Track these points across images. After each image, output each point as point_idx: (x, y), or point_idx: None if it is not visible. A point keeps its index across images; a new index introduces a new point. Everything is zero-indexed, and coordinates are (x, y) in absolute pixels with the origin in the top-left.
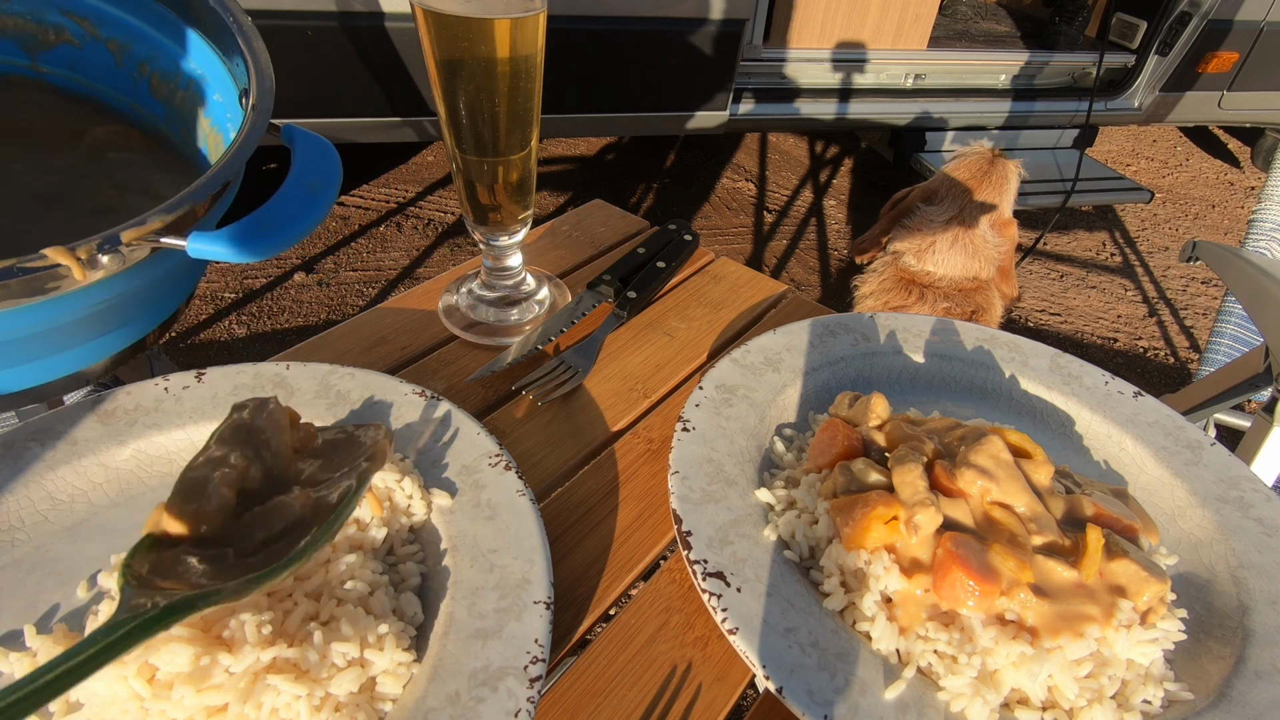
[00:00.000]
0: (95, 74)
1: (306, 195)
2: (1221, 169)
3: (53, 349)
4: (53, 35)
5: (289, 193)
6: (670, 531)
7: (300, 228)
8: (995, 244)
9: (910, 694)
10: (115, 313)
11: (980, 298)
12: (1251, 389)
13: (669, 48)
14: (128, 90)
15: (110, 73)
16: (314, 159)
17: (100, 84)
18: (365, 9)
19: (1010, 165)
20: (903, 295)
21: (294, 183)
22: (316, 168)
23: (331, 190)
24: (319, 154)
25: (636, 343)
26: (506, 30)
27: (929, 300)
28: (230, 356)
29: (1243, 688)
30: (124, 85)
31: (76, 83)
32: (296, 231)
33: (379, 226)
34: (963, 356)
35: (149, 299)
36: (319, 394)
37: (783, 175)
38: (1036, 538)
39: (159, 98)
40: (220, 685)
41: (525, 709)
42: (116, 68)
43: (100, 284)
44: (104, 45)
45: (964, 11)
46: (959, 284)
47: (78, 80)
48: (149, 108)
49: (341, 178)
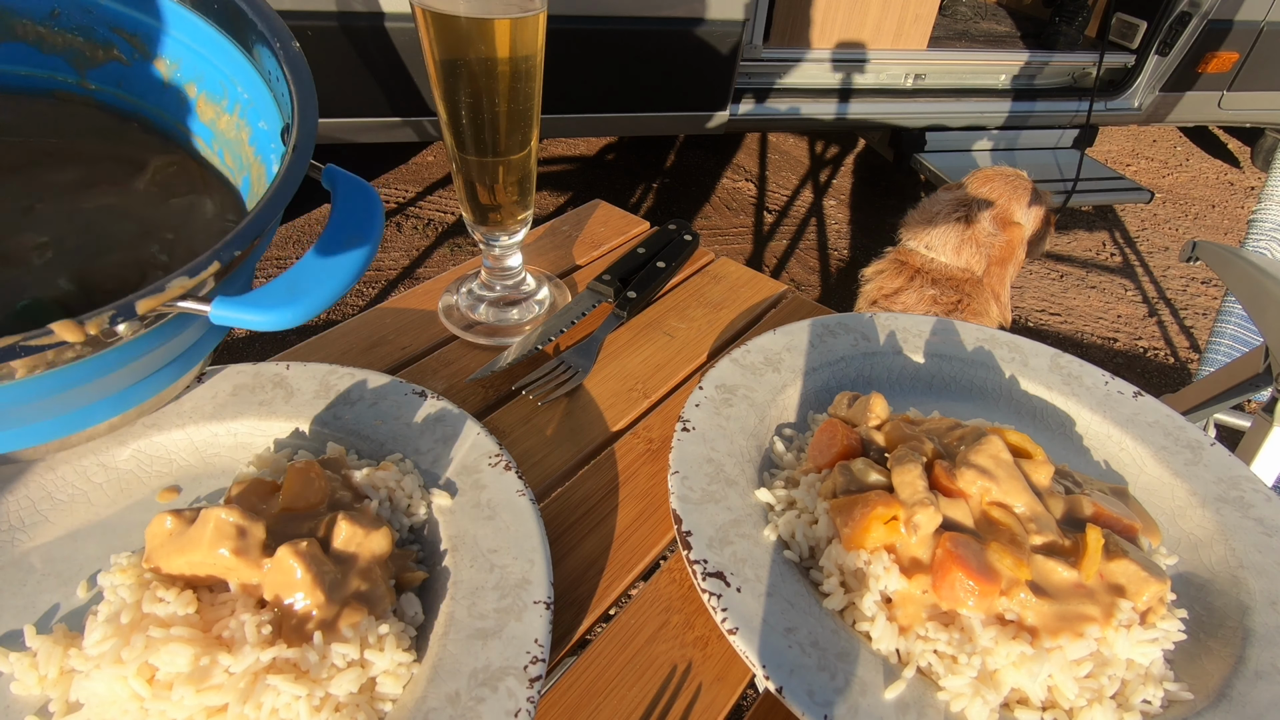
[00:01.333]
0: (143, 91)
1: (343, 249)
2: (1221, 169)
3: (51, 414)
4: (101, 53)
5: (326, 246)
6: (670, 531)
7: (337, 288)
8: (992, 235)
9: (910, 694)
10: (123, 379)
11: (970, 288)
12: (1251, 389)
13: (669, 48)
14: (174, 110)
15: (157, 91)
16: (355, 207)
17: (148, 101)
18: (365, 9)
19: (1045, 194)
20: (895, 278)
21: (332, 236)
22: (356, 218)
23: (372, 242)
24: (360, 201)
25: (636, 343)
26: (506, 30)
27: (918, 284)
28: (230, 356)
29: (1243, 688)
30: (171, 105)
31: (123, 100)
32: (333, 293)
33: None
34: (963, 356)
35: (159, 365)
36: (319, 394)
37: (783, 175)
38: (1036, 537)
39: (205, 120)
40: (220, 685)
41: (525, 709)
42: (164, 86)
43: (107, 355)
44: (152, 63)
45: (964, 11)
46: (949, 271)
47: (124, 97)
48: (196, 130)
49: (384, 228)
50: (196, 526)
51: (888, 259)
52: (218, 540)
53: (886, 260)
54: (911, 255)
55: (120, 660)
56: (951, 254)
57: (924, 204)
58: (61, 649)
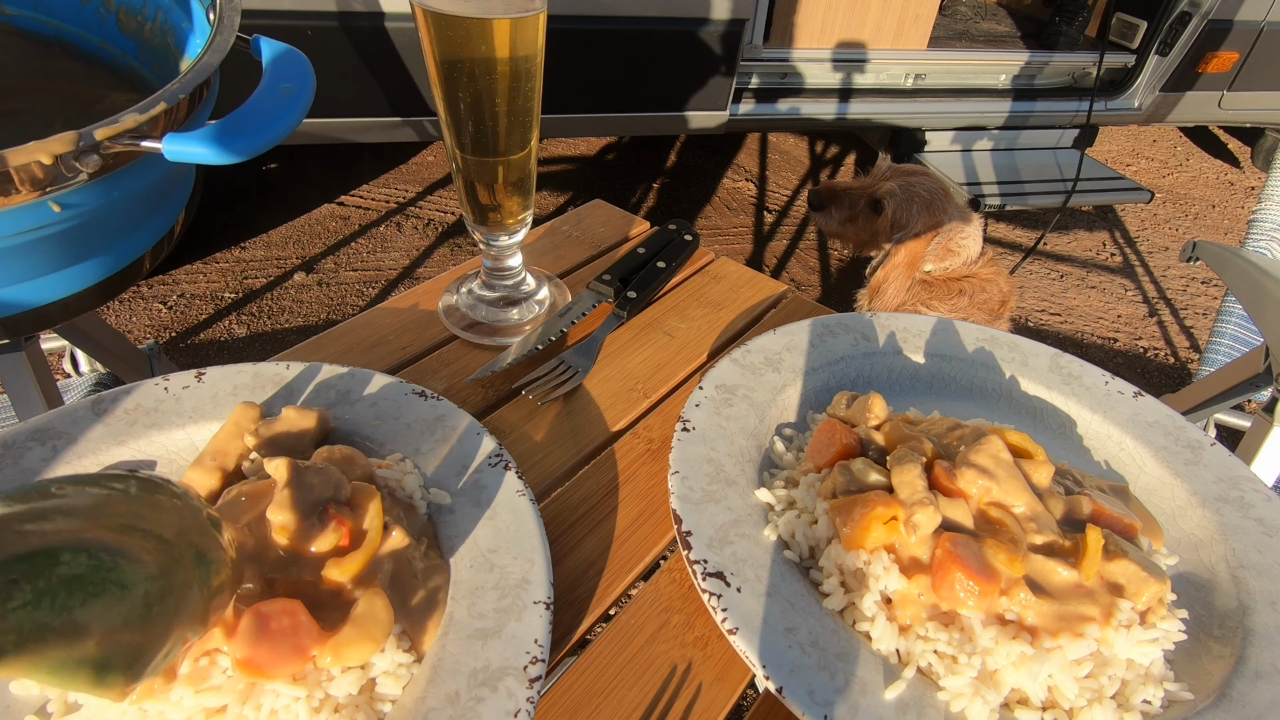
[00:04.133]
0: (61, 13)
1: (280, 97)
2: (1221, 169)
3: (38, 267)
4: None
5: (264, 95)
6: (670, 531)
7: (278, 128)
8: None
9: (910, 694)
10: (98, 229)
11: (968, 285)
12: (1251, 389)
13: (669, 48)
14: (95, 28)
15: (76, 10)
16: (286, 65)
17: (68, 23)
18: (365, 9)
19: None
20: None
21: (268, 87)
22: (289, 73)
23: (306, 94)
24: (290, 61)
25: (636, 343)
26: (506, 30)
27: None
28: (230, 356)
29: (1243, 688)
30: (91, 23)
31: (43, 24)
32: (274, 131)
33: (379, 226)
34: (963, 356)
35: (132, 217)
36: (319, 394)
37: (783, 175)
38: (1036, 537)
39: (128, 33)
40: (219, 686)
41: (525, 709)
42: (82, 5)
43: (80, 191)
44: None
45: (964, 11)
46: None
47: (44, 21)
48: (119, 45)
49: (314, 83)
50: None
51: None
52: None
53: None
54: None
55: None
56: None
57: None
58: None
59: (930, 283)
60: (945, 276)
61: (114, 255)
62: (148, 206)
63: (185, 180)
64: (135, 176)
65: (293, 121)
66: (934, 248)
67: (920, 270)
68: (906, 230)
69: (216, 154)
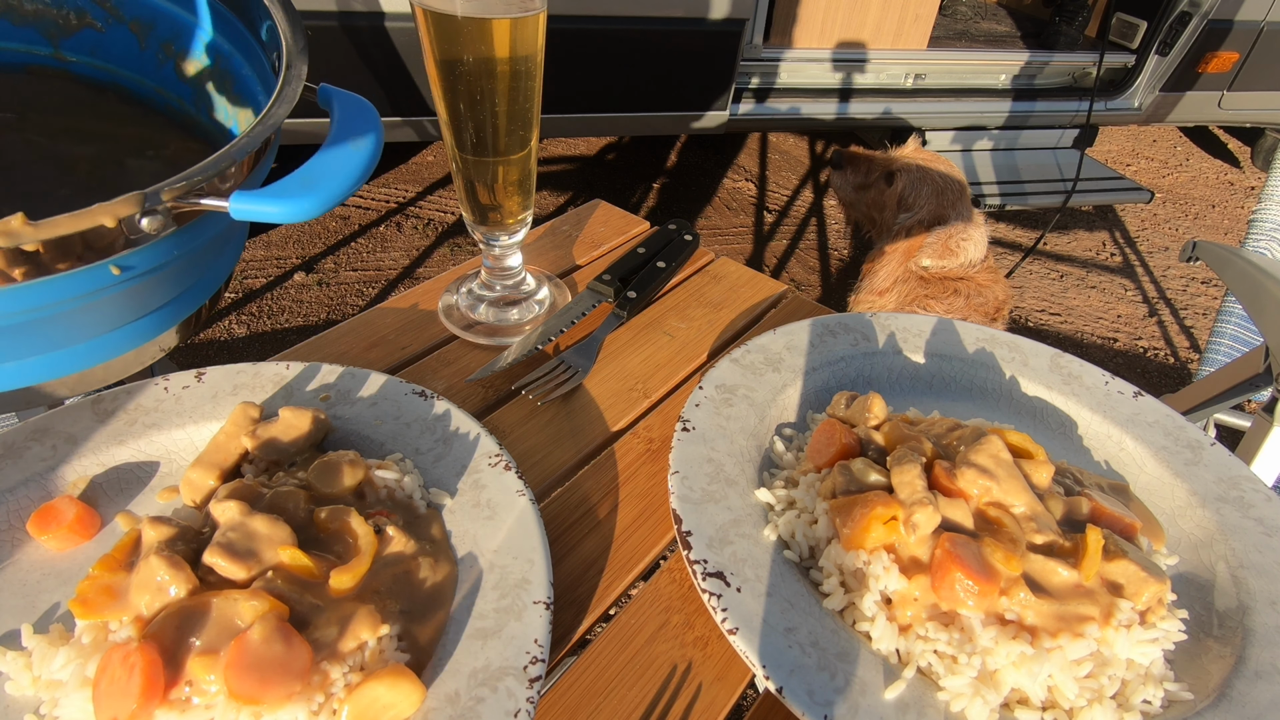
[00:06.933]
0: (119, 58)
1: (349, 150)
2: (1221, 169)
3: (96, 328)
4: (74, 19)
5: (332, 148)
6: (670, 531)
7: (348, 182)
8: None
9: (910, 694)
10: (158, 287)
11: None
12: (1251, 389)
13: (669, 48)
14: (152, 74)
15: (134, 56)
16: (354, 115)
17: (124, 69)
18: (365, 9)
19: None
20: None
21: (336, 139)
22: (357, 125)
23: (373, 146)
24: (358, 112)
25: (636, 343)
26: (506, 30)
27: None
28: (230, 356)
29: (1243, 688)
30: (149, 69)
31: (99, 69)
32: (345, 186)
33: (379, 226)
34: (963, 356)
35: (191, 273)
36: (319, 394)
37: (783, 175)
38: (1036, 537)
39: (185, 79)
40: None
41: (525, 709)
42: (140, 50)
43: (140, 252)
44: (126, 27)
45: (964, 11)
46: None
47: (100, 66)
48: (175, 90)
49: (383, 134)
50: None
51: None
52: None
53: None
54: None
55: (88, 682)
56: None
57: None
58: (58, 649)
59: (927, 280)
60: (942, 275)
61: (169, 311)
62: (204, 261)
63: (243, 228)
64: (196, 233)
65: (363, 175)
66: (934, 241)
67: (918, 264)
68: (912, 213)
69: (287, 212)
